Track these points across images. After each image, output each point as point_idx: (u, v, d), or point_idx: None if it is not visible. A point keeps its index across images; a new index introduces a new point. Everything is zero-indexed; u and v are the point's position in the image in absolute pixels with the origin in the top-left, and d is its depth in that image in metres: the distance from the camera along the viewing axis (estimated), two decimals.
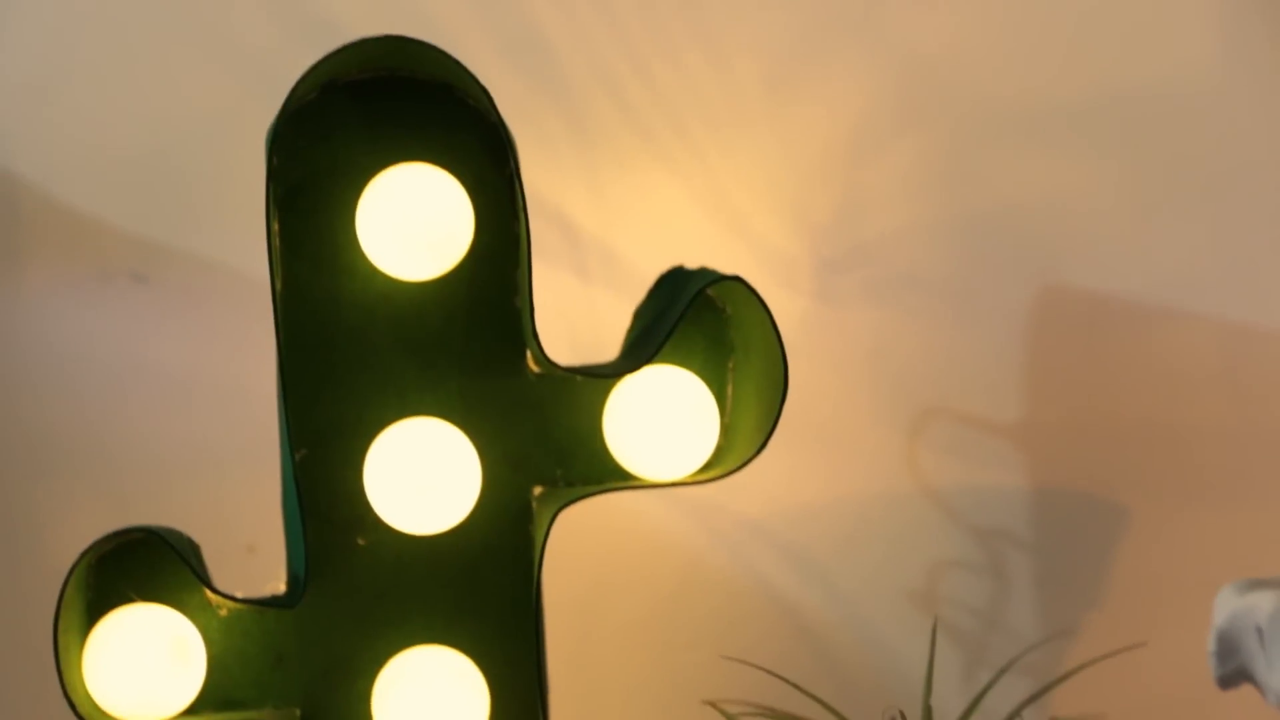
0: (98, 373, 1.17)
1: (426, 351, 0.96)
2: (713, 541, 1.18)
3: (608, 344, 1.05)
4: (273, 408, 0.99)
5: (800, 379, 0.97)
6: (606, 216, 1.16)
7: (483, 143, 0.96)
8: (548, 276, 1.11)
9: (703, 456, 0.98)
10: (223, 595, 0.94)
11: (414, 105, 0.96)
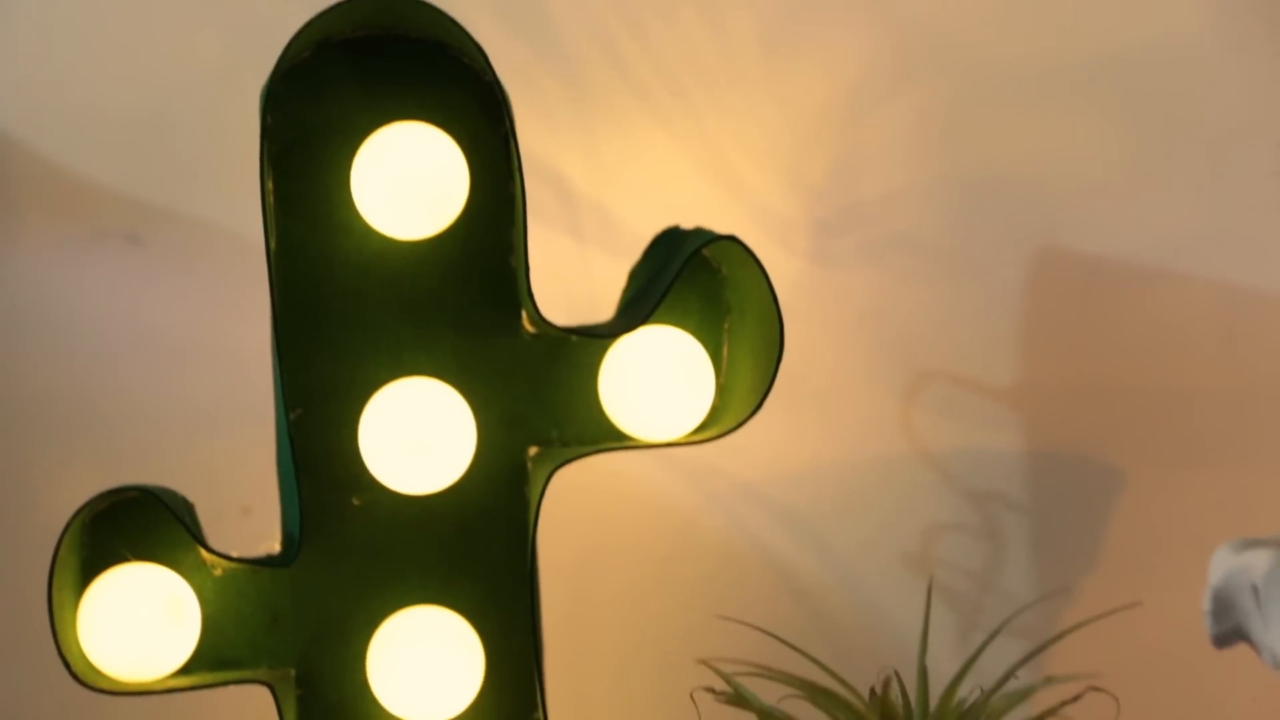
0: (92, 334, 1.17)
1: (421, 311, 0.96)
2: (708, 504, 1.17)
3: (603, 305, 1.04)
4: (267, 369, 0.98)
5: (795, 341, 0.96)
6: (602, 177, 1.16)
7: (478, 101, 0.95)
8: (543, 237, 1.11)
9: (698, 417, 0.97)
10: (217, 554, 0.94)
11: (409, 64, 0.95)
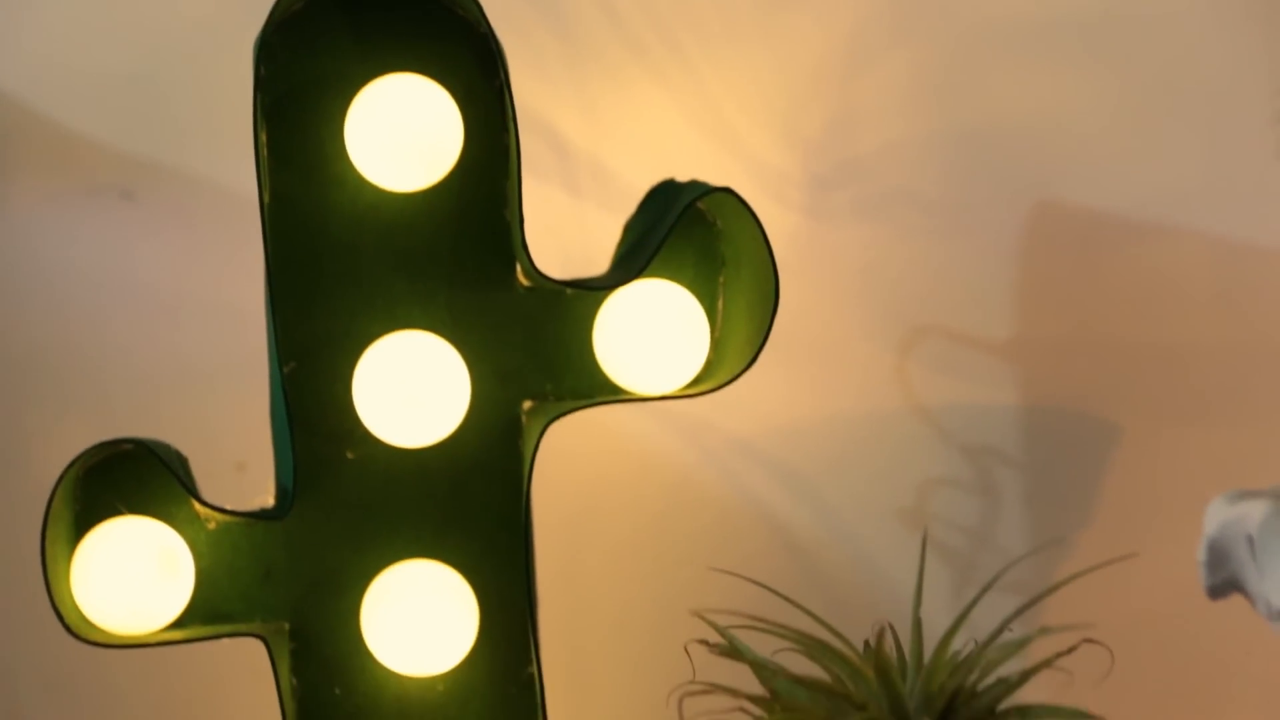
0: (85, 290, 1.16)
1: (415, 264, 0.96)
2: (703, 459, 1.17)
3: (598, 260, 1.04)
4: (261, 324, 0.98)
5: (791, 296, 0.96)
6: (597, 131, 1.16)
7: (472, 53, 0.95)
8: (538, 192, 1.11)
9: (693, 370, 0.97)
10: (211, 507, 0.94)
11: (402, 15, 0.95)
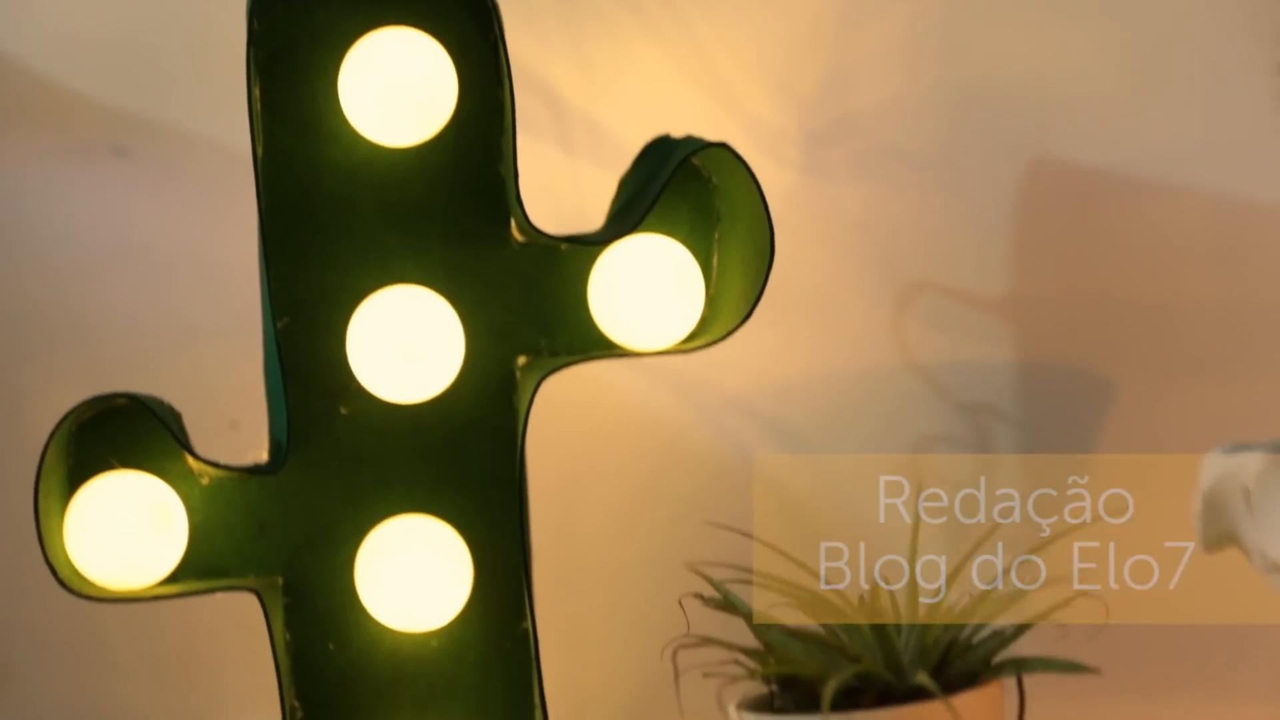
0: (78, 247, 1.16)
1: (409, 218, 0.95)
2: (698, 417, 1.17)
3: (593, 217, 1.04)
4: (255, 280, 0.98)
5: (786, 253, 0.96)
6: (592, 87, 1.15)
7: (467, 7, 0.95)
8: (532, 149, 1.10)
9: (688, 326, 0.97)
10: (205, 462, 0.94)
11: None
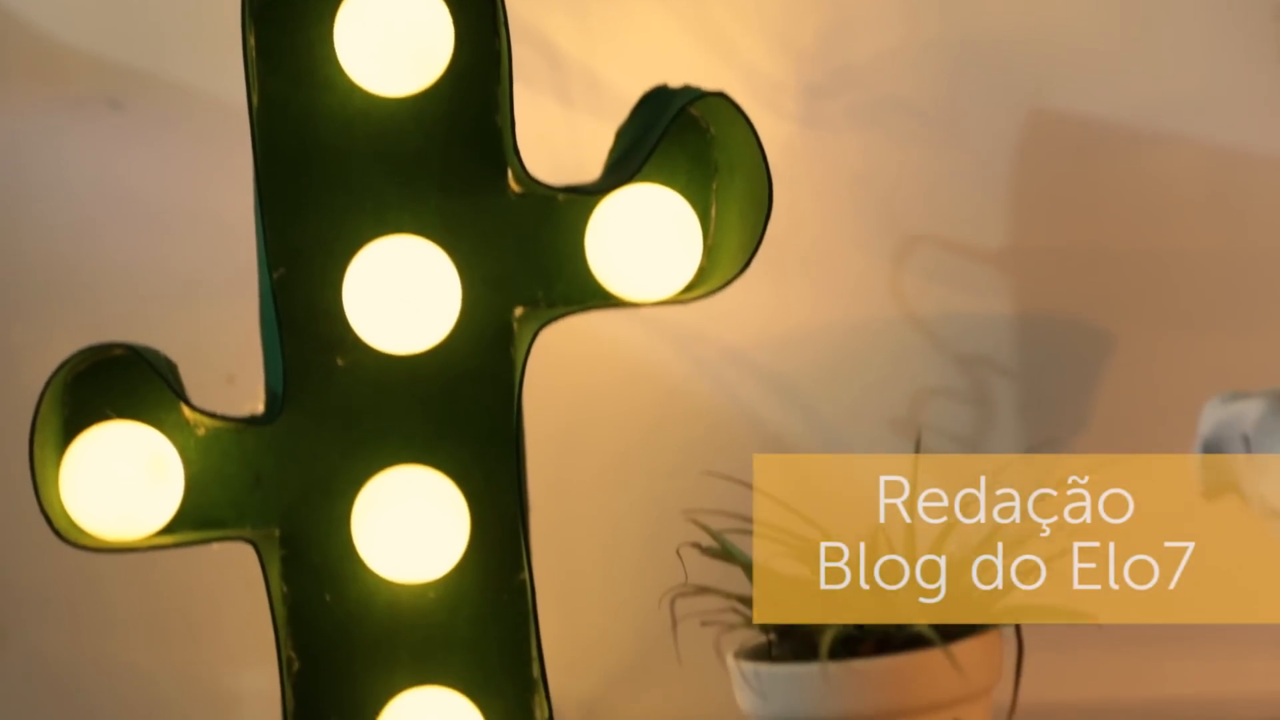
0: (73, 201, 1.16)
1: (406, 168, 0.95)
2: (695, 370, 1.17)
3: (590, 169, 1.03)
4: (251, 234, 0.98)
5: (784, 205, 0.96)
6: (589, 38, 1.15)
7: None
8: (530, 101, 1.10)
9: (685, 276, 0.97)
10: (201, 413, 0.93)
11: None
